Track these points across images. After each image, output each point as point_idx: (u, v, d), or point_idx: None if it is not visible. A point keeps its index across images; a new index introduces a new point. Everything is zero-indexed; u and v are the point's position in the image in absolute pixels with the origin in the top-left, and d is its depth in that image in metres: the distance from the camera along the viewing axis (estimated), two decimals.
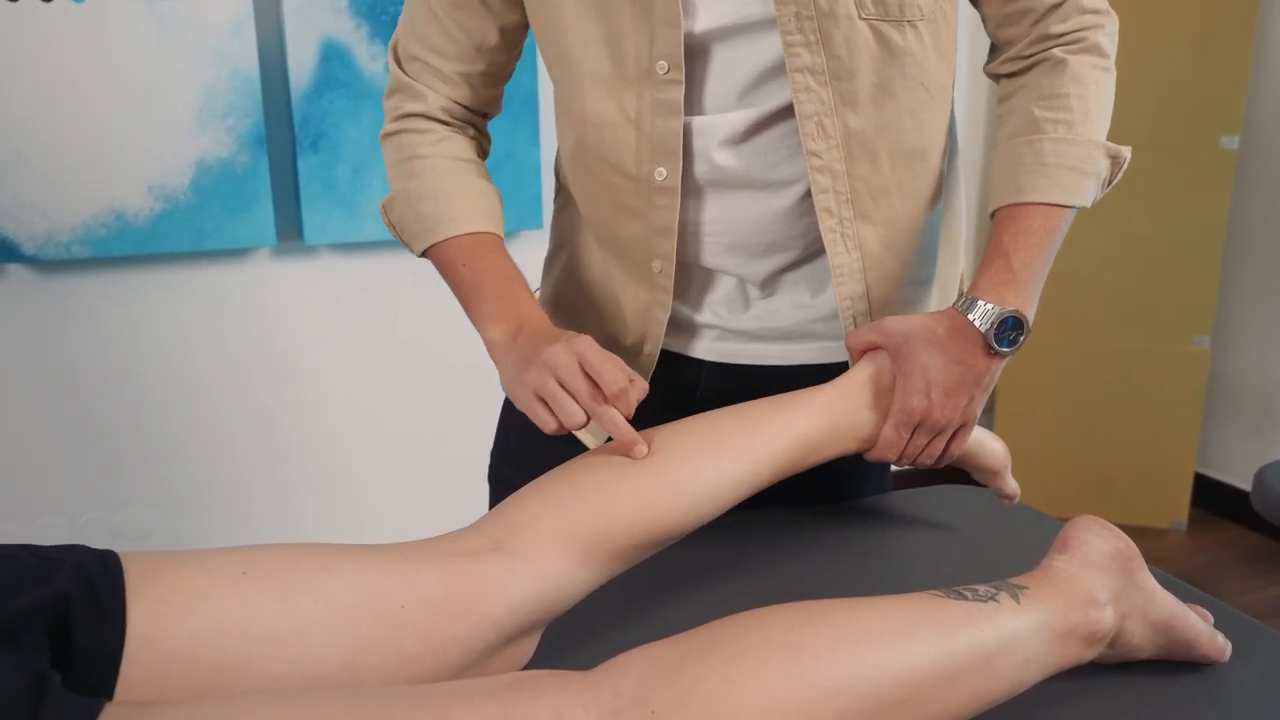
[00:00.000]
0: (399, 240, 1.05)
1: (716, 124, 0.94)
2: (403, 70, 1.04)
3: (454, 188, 1.01)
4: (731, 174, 0.96)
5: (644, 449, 0.85)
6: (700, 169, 0.96)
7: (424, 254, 1.03)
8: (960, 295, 0.94)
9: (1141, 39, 2.45)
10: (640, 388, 0.87)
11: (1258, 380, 2.77)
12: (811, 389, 0.95)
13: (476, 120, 1.08)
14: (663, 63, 0.91)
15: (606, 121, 0.96)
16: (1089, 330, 2.74)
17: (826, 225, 0.95)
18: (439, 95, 1.03)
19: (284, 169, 2.08)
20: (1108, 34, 0.95)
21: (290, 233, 2.12)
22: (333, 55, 2.02)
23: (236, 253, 2.10)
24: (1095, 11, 0.94)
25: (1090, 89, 0.93)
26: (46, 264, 1.97)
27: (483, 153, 1.09)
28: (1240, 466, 2.83)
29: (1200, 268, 2.64)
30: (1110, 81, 0.96)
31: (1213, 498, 2.89)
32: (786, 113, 0.93)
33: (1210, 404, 2.86)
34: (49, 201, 1.90)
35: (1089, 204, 0.93)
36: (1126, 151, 0.94)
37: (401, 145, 1.04)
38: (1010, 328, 0.90)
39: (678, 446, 0.89)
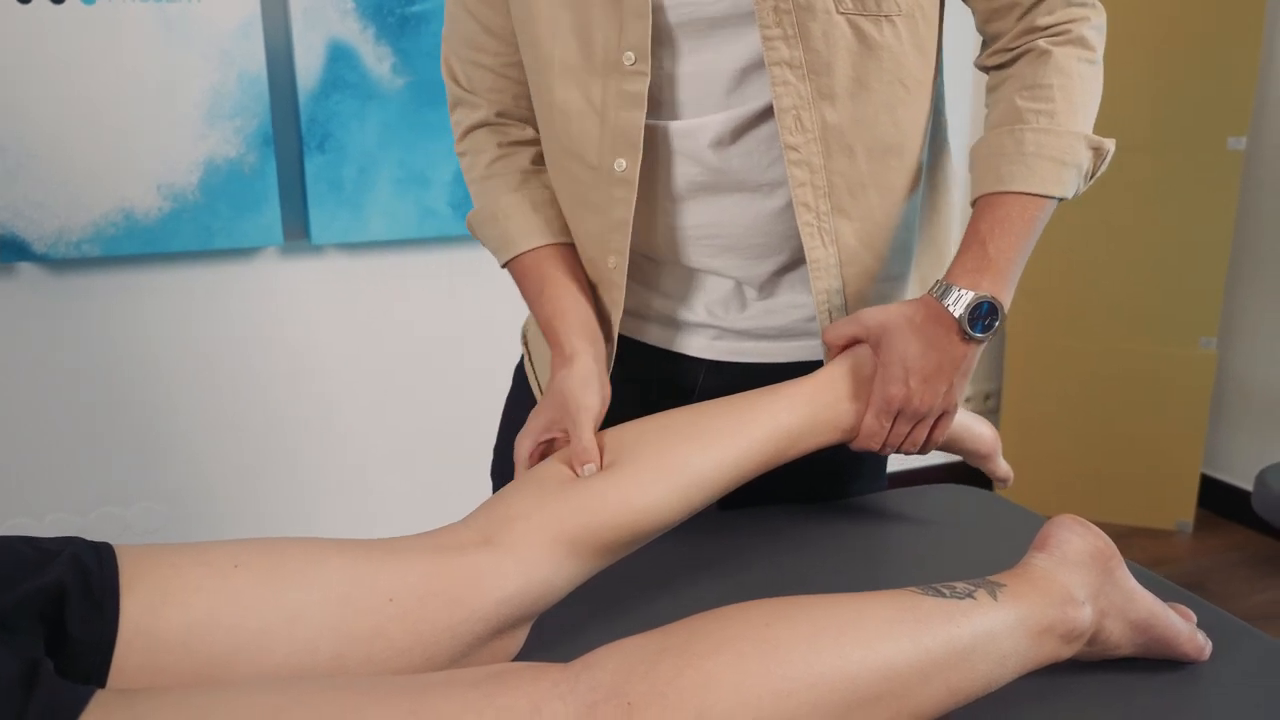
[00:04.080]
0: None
1: (703, 126, 0.94)
2: (457, 82, 1.08)
3: (510, 207, 1.05)
4: (722, 177, 0.97)
5: (592, 468, 0.88)
6: (690, 172, 0.97)
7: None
8: (936, 282, 0.94)
9: (1149, 39, 2.45)
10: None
11: (1264, 382, 2.76)
12: (793, 381, 0.96)
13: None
14: (630, 54, 0.91)
15: (573, 111, 0.96)
16: (1095, 332, 2.74)
17: (804, 220, 0.96)
18: (493, 103, 1.06)
19: (291, 169, 2.10)
20: (1094, 27, 0.94)
21: (297, 232, 2.14)
22: (339, 57, 2.04)
23: (244, 252, 2.12)
24: (1081, 4, 0.93)
25: (1074, 80, 0.93)
26: (57, 262, 2.00)
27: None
28: (1246, 468, 2.82)
29: (1207, 269, 2.63)
30: (1096, 74, 0.95)
31: (1218, 499, 2.88)
32: (772, 113, 0.93)
33: (1216, 406, 2.85)
34: (59, 201, 1.92)
35: (1070, 195, 0.92)
36: (1110, 144, 0.94)
37: (470, 167, 1.09)
38: (985, 313, 0.90)
39: (662, 440, 0.90)
